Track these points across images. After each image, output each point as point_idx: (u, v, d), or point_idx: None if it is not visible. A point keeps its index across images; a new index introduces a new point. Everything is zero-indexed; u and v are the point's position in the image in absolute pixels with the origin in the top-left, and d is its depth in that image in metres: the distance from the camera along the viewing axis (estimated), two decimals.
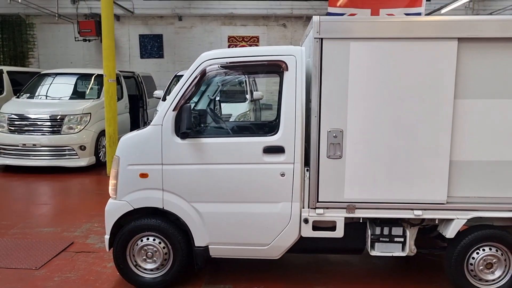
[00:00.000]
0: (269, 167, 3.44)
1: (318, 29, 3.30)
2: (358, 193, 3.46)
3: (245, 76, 3.75)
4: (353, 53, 3.31)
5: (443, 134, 3.36)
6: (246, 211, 3.50)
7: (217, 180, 3.48)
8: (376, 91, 3.35)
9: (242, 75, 3.69)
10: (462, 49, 3.28)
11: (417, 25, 3.32)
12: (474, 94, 3.33)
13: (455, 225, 3.45)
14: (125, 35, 14.00)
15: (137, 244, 3.62)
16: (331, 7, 7.81)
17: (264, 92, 11.01)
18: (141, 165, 3.50)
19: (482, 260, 3.52)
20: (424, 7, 7.63)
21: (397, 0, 7.62)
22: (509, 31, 3.23)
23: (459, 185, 3.43)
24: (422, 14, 7.62)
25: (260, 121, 4.52)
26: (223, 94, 8.71)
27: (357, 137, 3.40)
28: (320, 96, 3.36)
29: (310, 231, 3.51)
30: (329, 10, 7.86)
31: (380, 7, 7.65)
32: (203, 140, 3.48)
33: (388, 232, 3.57)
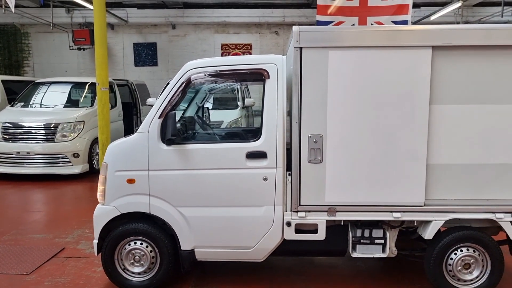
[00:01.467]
0: (252, 171, 3.55)
1: (297, 39, 3.43)
2: (339, 197, 3.57)
3: (229, 84, 3.88)
4: (331, 61, 3.44)
5: (420, 138, 3.48)
6: (230, 215, 3.60)
7: (202, 185, 3.59)
8: (354, 98, 3.48)
9: (226, 83, 3.81)
10: (436, 56, 3.41)
11: (393, 34, 3.46)
12: (448, 100, 3.46)
13: (433, 226, 3.56)
14: (119, 44, 14.14)
15: (125, 248, 3.71)
16: (320, 15, 7.97)
17: (257, 99, 11.15)
18: (128, 171, 3.60)
19: (460, 261, 3.63)
20: (410, 15, 7.79)
21: (384, 8, 7.78)
22: (480, 39, 3.36)
23: (436, 187, 3.55)
24: (408, 21, 7.78)
25: (244, 127, 4.63)
26: (216, 101, 8.84)
27: (337, 142, 3.51)
28: (300, 102, 3.48)
29: (293, 234, 3.61)
30: (317, 18, 8.02)
31: (367, 15, 7.81)
32: (188, 146, 3.59)
33: (368, 234, 3.68)
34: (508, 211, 3.53)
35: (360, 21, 7.83)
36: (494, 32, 3.37)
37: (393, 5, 7.78)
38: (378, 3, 7.79)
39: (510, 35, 3.35)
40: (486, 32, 3.37)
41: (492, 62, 3.40)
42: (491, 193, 3.53)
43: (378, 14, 7.79)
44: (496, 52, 3.39)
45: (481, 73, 3.42)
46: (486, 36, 3.36)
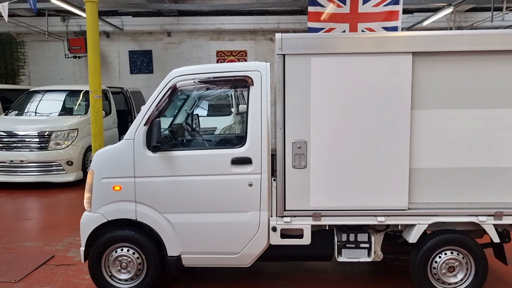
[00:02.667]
0: (237, 177, 3.59)
1: (280, 46, 3.49)
2: (323, 201, 3.60)
3: (217, 91, 3.93)
4: (314, 68, 3.49)
5: (402, 143, 3.52)
6: (216, 221, 3.63)
7: (188, 191, 3.62)
8: (337, 104, 3.52)
9: (214, 90, 3.86)
10: (416, 62, 3.47)
11: (374, 41, 3.51)
12: (429, 104, 3.51)
13: (417, 230, 3.59)
14: (114, 51, 14.21)
15: (111, 255, 3.74)
16: (311, 22, 8.04)
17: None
18: (114, 178, 3.64)
19: (445, 264, 3.66)
20: (400, 21, 7.85)
21: (375, 15, 7.85)
22: (458, 45, 3.42)
23: (420, 191, 3.59)
24: (398, 28, 7.84)
25: (229, 134, 4.67)
26: (210, 107, 8.90)
27: (321, 148, 3.55)
28: (284, 109, 3.53)
29: (279, 239, 3.64)
30: (308, 25, 8.08)
31: (358, 21, 7.87)
32: (173, 153, 3.62)
33: (354, 238, 3.71)
34: (490, 214, 3.56)
35: (351, 28, 7.89)
36: (471, 38, 3.43)
37: (383, 11, 7.84)
38: (369, 9, 7.86)
39: (487, 41, 3.41)
40: (463, 38, 3.43)
41: (471, 67, 3.46)
42: (473, 196, 3.57)
43: (369, 20, 7.85)
44: (475, 57, 3.44)
45: (460, 78, 3.48)
46: (463, 42, 3.42)
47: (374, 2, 7.82)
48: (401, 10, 7.86)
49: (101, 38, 14.06)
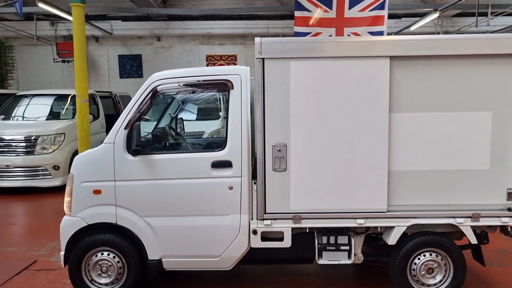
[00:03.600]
0: (217, 181, 3.60)
1: (259, 50, 3.51)
2: (304, 204, 3.63)
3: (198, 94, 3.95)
4: (293, 72, 3.52)
5: (381, 146, 3.56)
6: (197, 224, 3.64)
7: (168, 195, 3.62)
8: (316, 107, 3.55)
9: (195, 94, 3.88)
10: (394, 66, 3.52)
11: (352, 45, 3.56)
12: (407, 108, 3.56)
13: (396, 232, 3.63)
14: (104, 56, 14.19)
15: (92, 259, 3.73)
16: (297, 26, 8.10)
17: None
18: (94, 182, 3.64)
19: (423, 265, 3.69)
20: (386, 26, 7.94)
21: (360, 20, 7.92)
22: (434, 49, 3.47)
23: (398, 194, 3.62)
24: (384, 32, 7.91)
25: (210, 137, 4.69)
26: (199, 111, 8.90)
27: (300, 151, 3.58)
28: (264, 112, 3.55)
29: (259, 241, 3.65)
30: (295, 30, 8.14)
31: (344, 26, 7.94)
32: (154, 156, 3.63)
33: (334, 241, 3.73)
34: (467, 215, 3.61)
35: (337, 32, 7.96)
36: (446, 42, 3.49)
37: (369, 16, 7.92)
38: (355, 14, 7.93)
39: (461, 45, 3.47)
40: (438, 43, 3.49)
41: (447, 71, 3.51)
42: (451, 198, 3.62)
43: (355, 25, 7.92)
44: (450, 61, 3.50)
45: (437, 82, 3.53)
46: (439, 46, 3.47)
47: (360, 7, 7.90)
48: (387, 15, 7.95)
49: (91, 42, 14.07)
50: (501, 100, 3.54)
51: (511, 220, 3.61)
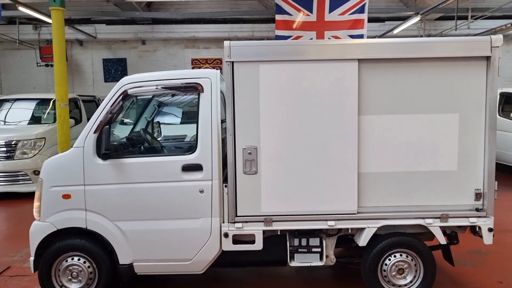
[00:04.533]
0: (188, 184, 3.60)
1: (229, 53, 3.53)
2: (275, 207, 3.64)
3: (168, 98, 3.97)
4: (262, 75, 3.54)
5: (350, 148, 3.59)
6: (168, 228, 3.63)
7: (139, 199, 3.61)
8: (286, 110, 3.58)
9: (163, 98, 3.88)
10: (362, 69, 3.55)
11: (321, 48, 3.59)
12: (376, 110, 3.59)
13: (366, 233, 3.65)
14: (88, 60, 14.11)
15: (62, 264, 3.69)
16: (278, 30, 8.15)
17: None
18: (63, 186, 3.61)
19: (394, 266, 3.72)
20: (366, 29, 8.03)
21: (341, 23, 8.00)
22: (401, 52, 3.52)
23: (368, 195, 3.65)
24: (364, 35, 8.01)
25: (180, 140, 4.69)
26: (184, 115, 8.88)
27: (271, 153, 3.59)
28: (234, 115, 3.56)
29: (231, 245, 3.65)
30: (276, 33, 8.19)
31: (324, 29, 8.02)
32: (124, 160, 3.62)
33: (306, 243, 3.75)
34: (436, 216, 3.65)
35: (318, 36, 8.03)
36: (413, 45, 3.54)
37: (349, 20, 8.01)
38: (335, 18, 8.01)
39: (427, 48, 3.52)
40: (405, 46, 3.54)
41: (414, 73, 3.56)
42: (420, 199, 3.66)
43: (335, 28, 8.00)
44: (417, 64, 3.55)
45: (405, 84, 3.57)
46: (406, 49, 3.52)
47: (340, 11, 7.99)
48: (366, 18, 8.04)
49: (74, 46, 14.00)
50: (468, 102, 3.60)
51: (479, 220, 3.66)
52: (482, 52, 3.54)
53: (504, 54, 14.33)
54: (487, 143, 3.60)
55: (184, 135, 7.73)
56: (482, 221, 3.66)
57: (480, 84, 3.59)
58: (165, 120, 5.20)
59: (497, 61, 3.53)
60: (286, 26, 8.08)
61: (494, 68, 3.54)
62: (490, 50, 3.52)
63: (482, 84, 3.59)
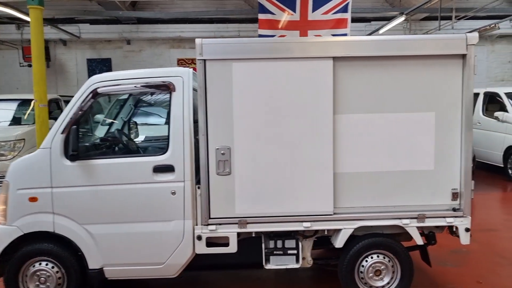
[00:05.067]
0: (159, 186, 3.50)
1: (200, 51, 3.44)
2: (249, 208, 3.56)
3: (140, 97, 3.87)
4: (235, 73, 3.46)
5: (326, 148, 3.52)
6: (139, 231, 3.53)
7: (108, 201, 3.50)
8: (260, 109, 3.50)
9: (135, 96, 3.78)
10: (337, 67, 3.49)
11: (295, 46, 3.52)
12: (351, 109, 3.53)
13: (342, 235, 3.59)
14: (72, 60, 13.90)
15: (29, 269, 3.57)
16: (261, 29, 8.06)
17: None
18: (30, 189, 3.49)
19: (371, 268, 3.66)
20: (349, 29, 7.98)
21: (324, 23, 7.95)
22: (375, 50, 3.46)
23: (344, 196, 3.59)
24: (347, 35, 7.95)
25: (152, 141, 4.59)
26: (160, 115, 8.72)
27: (245, 154, 3.51)
28: (206, 115, 3.48)
29: (204, 247, 3.57)
30: (259, 32, 8.10)
31: (308, 29, 7.95)
32: (93, 161, 3.51)
33: (281, 245, 3.67)
34: (413, 216, 3.60)
35: (301, 35, 7.95)
36: (387, 43, 3.48)
37: (332, 19, 7.95)
38: (318, 17, 7.95)
39: (402, 46, 3.47)
40: (380, 43, 3.48)
41: (390, 72, 3.50)
42: (397, 199, 3.60)
43: (318, 28, 7.94)
44: (393, 62, 3.49)
45: (381, 82, 3.52)
46: (381, 47, 3.46)
47: (323, 10, 7.92)
48: (350, 18, 7.99)
49: (58, 46, 13.79)
50: (444, 100, 3.56)
51: (456, 220, 3.62)
52: (457, 50, 3.50)
53: (489, 54, 14.46)
54: (463, 142, 3.56)
55: (159, 135, 7.60)
56: (459, 221, 3.62)
57: (456, 82, 3.55)
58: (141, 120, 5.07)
59: (473, 59, 3.49)
60: (269, 26, 8.00)
61: (470, 66, 3.50)
62: (466, 48, 3.48)
63: (458, 82, 3.55)
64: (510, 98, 9.30)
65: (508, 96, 9.33)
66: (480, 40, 15.37)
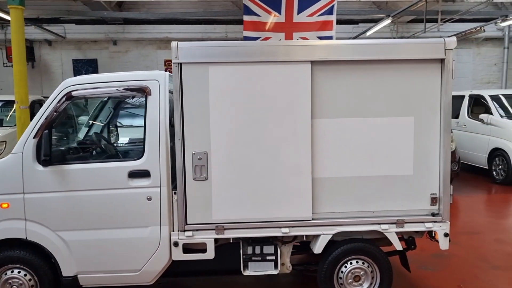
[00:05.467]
0: (135, 191, 3.43)
1: (176, 54, 3.38)
2: (226, 214, 3.50)
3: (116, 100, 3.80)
4: (212, 77, 3.40)
5: (304, 153, 3.48)
6: (114, 237, 3.46)
7: (83, 207, 3.43)
8: (237, 113, 3.45)
9: (111, 100, 3.71)
10: (315, 71, 3.45)
11: (273, 50, 3.47)
12: (330, 113, 3.50)
13: (321, 240, 3.55)
14: (57, 60, 13.72)
15: (1, 277, 3.48)
16: (246, 31, 8.02)
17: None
18: (1, 195, 3.40)
19: (350, 273, 3.63)
20: (334, 31, 7.97)
21: (309, 25, 7.93)
22: (353, 54, 3.43)
23: (323, 201, 3.55)
24: (333, 37, 7.95)
25: (127, 145, 4.52)
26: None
27: (222, 159, 3.46)
28: (182, 119, 3.42)
29: (181, 254, 3.50)
30: (244, 34, 8.06)
31: (293, 31, 7.93)
32: (66, 167, 3.43)
33: (260, 251, 3.63)
34: (392, 222, 3.57)
35: (286, 37, 7.93)
36: (366, 47, 3.45)
37: (317, 21, 7.94)
38: (303, 19, 7.93)
39: (380, 50, 3.45)
40: (358, 47, 3.45)
41: (368, 76, 3.48)
42: (375, 204, 3.58)
43: (304, 30, 7.92)
44: (372, 66, 3.47)
45: (359, 87, 3.49)
46: (359, 51, 3.43)
47: (309, 12, 7.91)
48: (335, 20, 7.98)
49: (43, 46, 13.61)
50: (423, 105, 3.54)
51: (435, 225, 3.60)
52: (436, 54, 3.48)
53: (475, 56, 14.59)
54: (442, 146, 3.55)
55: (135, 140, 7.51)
56: (438, 226, 3.60)
57: (435, 86, 3.53)
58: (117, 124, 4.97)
59: (451, 63, 3.48)
60: (254, 27, 7.96)
61: (448, 71, 3.49)
62: (444, 53, 3.47)
63: (437, 86, 3.53)
64: (494, 101, 9.37)
65: (492, 98, 9.41)
66: (466, 43, 15.56)
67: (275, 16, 7.94)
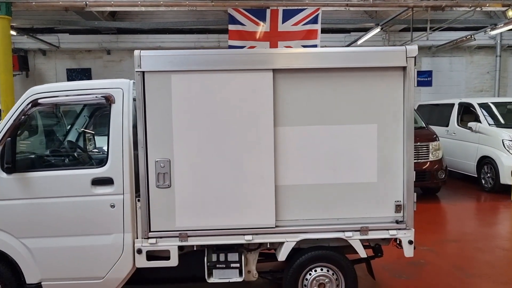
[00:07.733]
0: (98, 199, 3.45)
1: (139, 63, 3.42)
2: (190, 221, 3.51)
3: (82, 108, 3.84)
4: (175, 85, 3.44)
5: (267, 160, 3.50)
6: (77, 245, 3.47)
7: (46, 214, 3.45)
8: (200, 122, 3.47)
9: (77, 108, 3.75)
10: (277, 79, 3.48)
11: (235, 58, 3.51)
12: (292, 121, 3.52)
13: (285, 247, 3.55)
14: (51, 70, 13.84)
15: None
16: (232, 40, 8.11)
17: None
18: None
19: (315, 281, 3.63)
20: (319, 40, 8.05)
21: (294, 34, 8.01)
22: (316, 62, 3.45)
23: (286, 208, 3.56)
24: (318, 46, 8.03)
25: (91, 153, 4.54)
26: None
27: (185, 166, 3.48)
28: (145, 127, 3.44)
29: (145, 261, 3.51)
30: (229, 43, 8.15)
31: (278, 40, 8.02)
32: (30, 174, 3.46)
33: (224, 258, 3.63)
34: (356, 229, 3.57)
35: (271, 45, 8.02)
36: (328, 55, 3.48)
37: (302, 30, 8.02)
38: (288, 28, 8.02)
39: (343, 58, 3.47)
40: (320, 55, 3.48)
41: (332, 84, 3.50)
42: (340, 212, 3.58)
43: (288, 39, 8.00)
44: (334, 74, 3.49)
45: (322, 94, 3.51)
46: (321, 59, 3.46)
47: (293, 21, 8.00)
48: (320, 29, 8.07)
49: (37, 55, 13.75)
50: (386, 112, 3.56)
51: (399, 232, 3.60)
52: (398, 62, 3.51)
53: (468, 64, 14.62)
54: (405, 154, 3.56)
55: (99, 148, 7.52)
56: (402, 234, 3.60)
57: (398, 94, 3.55)
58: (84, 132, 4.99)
59: (413, 71, 3.50)
60: (239, 36, 8.05)
61: (410, 79, 3.51)
62: (406, 60, 3.49)
63: (400, 94, 3.55)
64: (483, 109, 9.37)
65: (481, 106, 9.41)
66: (459, 51, 15.59)
67: (260, 25, 8.02)
